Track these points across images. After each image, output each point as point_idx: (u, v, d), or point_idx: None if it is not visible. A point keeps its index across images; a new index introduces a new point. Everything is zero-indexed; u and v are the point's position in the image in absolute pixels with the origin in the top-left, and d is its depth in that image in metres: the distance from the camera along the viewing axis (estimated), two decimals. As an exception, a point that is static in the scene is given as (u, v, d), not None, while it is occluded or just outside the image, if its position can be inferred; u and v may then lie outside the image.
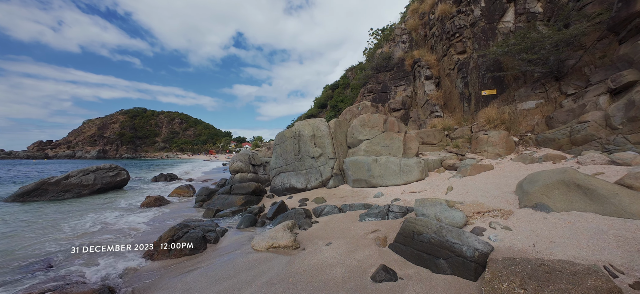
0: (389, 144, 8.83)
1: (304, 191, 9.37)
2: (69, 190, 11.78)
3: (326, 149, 9.51)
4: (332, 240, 4.61)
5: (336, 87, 47.64)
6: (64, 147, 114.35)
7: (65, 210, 9.07)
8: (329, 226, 5.37)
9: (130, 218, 7.87)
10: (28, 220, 7.63)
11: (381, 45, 24.06)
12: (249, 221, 6.44)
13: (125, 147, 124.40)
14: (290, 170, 9.88)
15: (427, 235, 3.27)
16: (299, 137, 9.84)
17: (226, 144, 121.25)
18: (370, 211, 5.45)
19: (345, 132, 10.19)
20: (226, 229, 6.09)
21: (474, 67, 12.25)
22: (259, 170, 14.62)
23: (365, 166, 8.22)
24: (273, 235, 4.92)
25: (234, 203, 8.78)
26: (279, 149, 10.39)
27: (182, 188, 11.77)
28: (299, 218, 6.15)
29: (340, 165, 9.49)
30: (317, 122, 9.98)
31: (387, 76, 19.31)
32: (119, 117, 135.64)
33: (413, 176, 7.56)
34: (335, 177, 9.27)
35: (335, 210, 6.38)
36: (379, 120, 9.14)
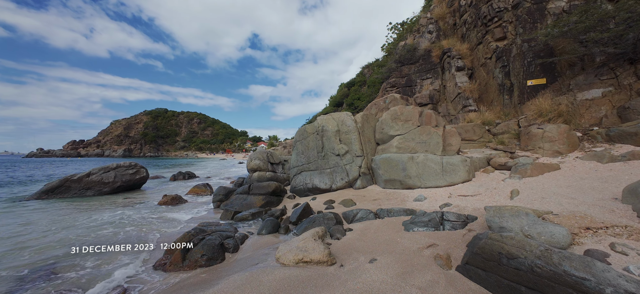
0: (425, 140, 7.79)
1: (328, 192, 8.55)
2: (91, 187, 11.77)
3: (353, 146, 8.63)
4: (375, 254, 3.74)
5: (352, 85, 46.51)
6: (94, 146, 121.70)
7: (79, 208, 8.87)
8: (367, 236, 4.50)
9: (145, 217, 7.45)
10: (36, 222, 7.41)
11: (404, 37, 22.73)
12: (271, 226, 5.72)
13: (148, 146, 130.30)
14: (313, 168, 9.10)
15: (527, 260, 2.32)
16: (322, 133, 9.03)
17: (242, 143, 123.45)
18: (417, 219, 4.52)
19: (374, 127, 9.25)
20: (246, 235, 5.41)
21: (517, 54, 10.83)
22: (277, 168, 14.01)
23: (399, 165, 7.25)
24: (302, 245, 4.14)
25: (253, 204, 8.15)
26: (300, 146, 9.64)
27: (199, 187, 11.37)
28: (329, 225, 5.34)
29: (369, 164, 8.57)
30: (342, 116, 9.12)
31: (411, 69, 18.05)
32: (143, 117, 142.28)
33: (458, 177, 6.50)
34: (363, 177, 8.37)
35: (370, 216, 5.50)
36: (414, 112, 8.11)
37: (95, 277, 3.96)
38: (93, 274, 4.03)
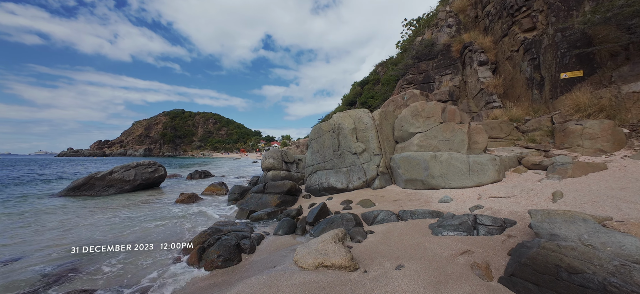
0: (449, 137, 7.32)
1: (344, 191, 8.27)
2: (113, 185, 12.17)
3: (370, 144, 8.29)
4: (402, 260, 3.44)
5: (365, 84, 45.80)
6: (118, 145, 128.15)
7: (99, 207, 9.13)
8: (390, 240, 4.20)
9: (164, 214, 7.52)
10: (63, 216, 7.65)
11: (421, 33, 21.95)
12: (288, 226, 5.53)
13: (167, 146, 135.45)
14: (329, 167, 8.85)
15: (597, 276, 1.95)
16: (339, 131, 8.76)
17: (256, 143, 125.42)
18: (445, 222, 4.16)
19: (392, 124, 8.86)
20: (262, 235, 5.25)
21: (549, 46, 10.02)
22: (292, 167, 13.89)
23: (421, 164, 6.85)
24: (321, 248, 3.91)
25: (268, 203, 8.03)
26: (315, 144, 9.43)
27: (215, 186, 11.45)
28: (348, 226, 5.08)
29: (387, 163, 8.20)
30: (359, 113, 8.80)
31: (430, 65, 17.35)
32: (162, 118, 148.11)
33: (487, 177, 6.01)
34: (382, 176, 8.01)
35: (392, 217, 5.17)
36: (436, 109, 7.66)
37: (118, 276, 3.92)
38: (115, 273, 4.00)
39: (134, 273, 3.95)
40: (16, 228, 6.45)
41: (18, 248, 5.11)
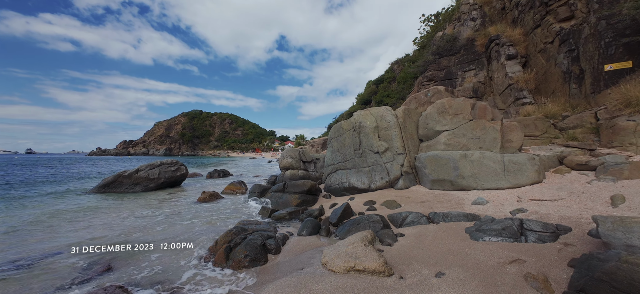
0: (479, 136, 6.87)
1: (366, 192, 8.03)
2: (139, 183, 12.66)
3: (393, 143, 7.99)
4: (441, 266, 3.18)
5: (381, 82, 44.97)
6: (141, 145, 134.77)
7: (128, 204, 9.46)
8: (424, 243, 3.94)
9: (188, 213, 7.65)
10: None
11: (441, 27, 21.11)
12: (312, 227, 5.40)
13: (186, 146, 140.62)
14: (350, 167, 8.64)
15: (703, 296, 1.62)
16: (360, 129, 8.52)
17: (270, 142, 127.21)
18: (485, 226, 3.84)
19: (416, 122, 8.49)
20: (287, 235, 5.15)
21: (590, 35, 9.19)
22: (309, 166, 13.79)
23: (449, 164, 6.47)
24: (351, 251, 3.73)
25: (289, 203, 7.95)
26: (335, 143, 9.24)
27: (234, 184, 11.58)
28: (375, 228, 4.86)
29: (412, 162, 7.86)
30: (381, 111, 8.52)
31: (451, 61, 16.62)
32: (181, 118, 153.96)
33: (525, 178, 5.55)
34: (406, 176, 7.69)
35: (422, 219, 4.89)
36: (465, 105, 7.22)
37: (150, 273, 3.96)
38: (148, 271, 4.04)
39: (165, 271, 3.97)
40: (54, 224, 6.80)
41: (57, 243, 5.35)
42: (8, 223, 6.86)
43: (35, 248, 5.02)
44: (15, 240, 5.54)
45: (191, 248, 4.84)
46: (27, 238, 5.71)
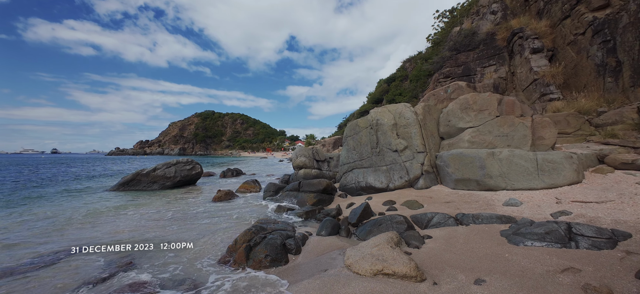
0: (507, 132, 6.46)
1: (384, 191, 7.77)
2: (156, 181, 12.92)
3: (413, 141, 7.68)
4: (478, 272, 2.92)
5: (392, 81, 44.24)
6: (156, 145, 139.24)
7: (146, 203, 9.61)
8: (455, 247, 3.67)
9: (205, 211, 7.67)
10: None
11: (458, 22, 20.39)
12: (331, 227, 5.22)
13: (199, 146, 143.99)
14: (366, 166, 8.39)
15: None
16: (377, 127, 8.26)
17: (281, 142, 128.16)
18: (523, 229, 3.53)
19: (437, 119, 8.14)
20: (306, 235, 5.00)
21: (630, 24, 8.50)
22: (323, 166, 13.63)
23: (475, 163, 6.12)
24: (377, 253, 3.52)
25: (305, 202, 7.81)
26: (351, 141, 9.02)
27: (248, 183, 11.59)
28: (399, 229, 4.62)
29: (433, 161, 7.52)
30: (399, 108, 8.22)
31: (470, 56, 15.99)
32: (194, 119, 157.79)
33: (563, 178, 5.14)
34: (427, 175, 7.37)
35: (449, 221, 4.61)
36: (491, 101, 6.82)
37: (171, 271, 3.91)
38: (168, 269, 4.00)
39: (185, 270, 3.91)
40: (76, 222, 6.97)
41: (78, 239, 5.44)
42: (31, 220, 7.10)
43: (59, 244, 5.11)
44: (37, 238, 5.68)
45: (209, 247, 4.78)
46: (51, 234, 5.85)
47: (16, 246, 5.11)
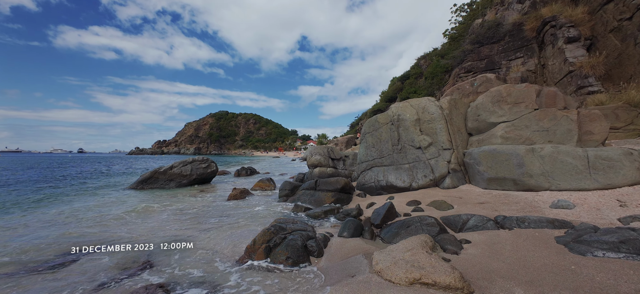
0: (548, 127, 5.82)
1: (407, 191, 7.30)
2: (173, 179, 13.04)
3: (438, 137, 7.16)
4: (541, 287, 2.46)
5: (406, 78, 43.10)
6: (173, 145, 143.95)
7: (163, 201, 9.62)
8: (502, 254, 3.21)
9: (220, 209, 7.52)
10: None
11: (480, 14, 19.35)
12: (354, 228, 4.85)
13: (213, 145, 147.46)
14: (387, 163, 7.95)
15: None
16: (399, 122, 7.79)
17: (293, 142, 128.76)
18: (587, 237, 3.01)
19: (464, 114, 7.57)
20: (327, 236, 4.67)
21: (686, 5, 7.52)
22: (338, 164, 13.26)
23: (511, 160, 5.54)
24: (411, 259, 3.13)
25: (322, 201, 7.49)
26: (370, 138, 8.60)
27: (263, 182, 11.42)
28: (431, 232, 4.19)
29: (460, 158, 6.97)
30: (423, 103, 7.72)
31: (494, 49, 15.06)
32: (209, 119, 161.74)
33: (622, 177, 4.49)
34: (454, 174, 6.83)
35: (489, 224, 4.12)
36: (528, 92, 6.19)
37: (189, 271, 3.70)
38: (186, 269, 3.79)
39: (203, 270, 3.68)
40: (95, 221, 7.00)
41: (96, 238, 5.39)
42: (53, 217, 7.21)
43: (77, 241, 5.07)
44: (56, 235, 5.70)
45: (226, 246, 4.55)
46: (70, 231, 5.86)
47: (34, 245, 5.12)
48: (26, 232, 5.67)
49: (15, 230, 5.83)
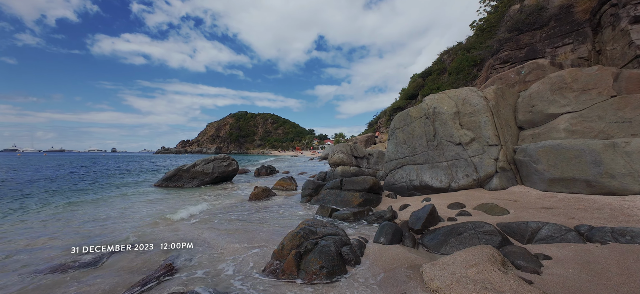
0: (632, 118, 4.78)
1: (444, 191, 6.51)
2: (196, 177, 13.09)
3: (482, 131, 6.28)
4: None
5: (428, 74, 41.13)
6: (195, 144, 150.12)
7: (184, 199, 9.52)
8: (608, 279, 2.44)
9: (242, 210, 7.20)
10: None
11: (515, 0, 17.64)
12: (392, 233, 4.22)
13: (233, 144, 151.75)
14: (421, 161, 7.18)
15: None
16: (434, 116, 7.00)
17: (310, 141, 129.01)
18: None
19: (513, 105, 6.62)
20: (361, 242, 4.08)
21: None
22: (362, 162, 12.58)
23: (584, 157, 4.60)
24: (480, 277, 2.52)
25: (349, 202, 6.90)
26: (400, 134, 7.86)
27: (284, 180, 11.04)
28: (491, 242, 3.46)
29: (509, 155, 6.06)
30: (463, 93, 6.86)
31: (536, 36, 13.56)
32: (229, 119, 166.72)
33: None
34: (502, 173, 5.94)
35: (569, 236, 3.31)
36: (602, 77, 5.16)
37: (212, 279, 3.30)
38: (212, 275, 3.40)
39: (228, 278, 3.26)
40: (118, 219, 6.95)
41: (112, 237, 5.22)
42: (76, 216, 7.28)
43: (99, 240, 4.91)
44: (79, 235, 5.62)
45: (250, 250, 4.12)
46: (91, 230, 5.77)
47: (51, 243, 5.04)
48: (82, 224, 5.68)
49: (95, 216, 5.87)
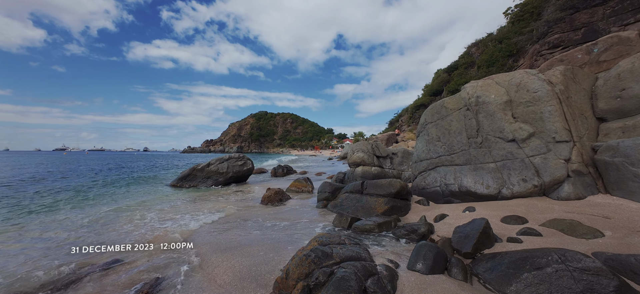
0: None
1: (492, 199, 5.23)
2: (210, 177, 12.73)
3: (545, 124, 4.92)
4: None
5: (454, 69, 38.18)
6: (218, 144, 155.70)
7: (195, 200, 9.03)
8: None
9: (250, 218, 6.45)
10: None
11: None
12: (433, 258, 3.15)
13: (254, 144, 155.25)
14: (460, 162, 5.93)
15: None
16: (477, 107, 5.72)
17: (329, 140, 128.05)
18: None
19: (589, 90, 5.15)
20: (391, 268, 3.07)
21: None
22: (385, 163, 11.37)
23: None
24: None
25: (372, 209, 5.86)
26: (433, 129, 6.64)
27: (300, 182, 10.21)
28: (596, 286, 2.27)
29: (586, 155, 4.64)
30: (516, 78, 5.51)
31: (597, 13, 11.41)
32: (250, 119, 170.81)
33: None
34: (577, 178, 4.55)
35: None
36: None
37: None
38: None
39: None
40: (133, 220, 6.53)
41: (125, 238, 4.68)
42: (97, 216, 6.97)
43: (115, 239, 4.36)
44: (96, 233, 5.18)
45: (249, 275, 3.28)
46: (109, 227, 5.32)
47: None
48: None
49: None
